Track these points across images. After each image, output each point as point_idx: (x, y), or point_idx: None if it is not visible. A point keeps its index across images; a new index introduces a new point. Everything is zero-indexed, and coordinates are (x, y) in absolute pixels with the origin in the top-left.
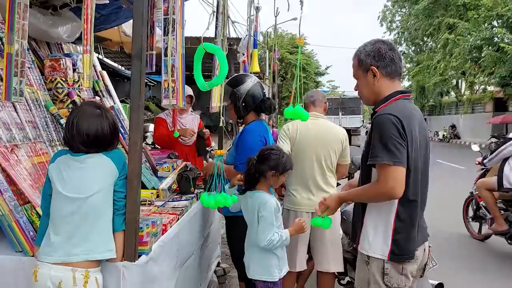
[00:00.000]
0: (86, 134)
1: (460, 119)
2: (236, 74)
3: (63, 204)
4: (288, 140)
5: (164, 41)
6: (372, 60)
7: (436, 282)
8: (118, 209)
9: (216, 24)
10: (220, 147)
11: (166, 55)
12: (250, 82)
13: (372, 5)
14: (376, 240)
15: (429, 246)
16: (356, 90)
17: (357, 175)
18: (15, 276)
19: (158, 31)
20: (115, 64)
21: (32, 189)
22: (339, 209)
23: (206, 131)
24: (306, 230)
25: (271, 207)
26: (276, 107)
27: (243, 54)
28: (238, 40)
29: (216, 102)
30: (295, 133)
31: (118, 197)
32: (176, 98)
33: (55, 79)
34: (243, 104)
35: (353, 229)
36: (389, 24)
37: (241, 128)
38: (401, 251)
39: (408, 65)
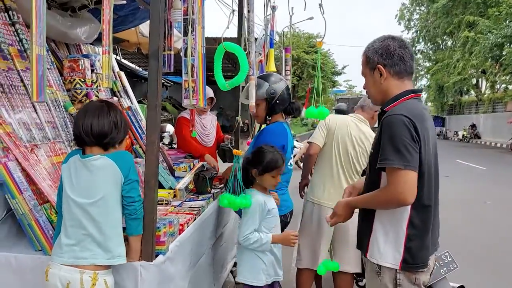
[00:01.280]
0: (87, 129)
1: (481, 119)
2: (268, 72)
3: (72, 207)
4: (325, 131)
5: (184, 41)
6: (379, 58)
7: (457, 285)
8: (130, 213)
9: (240, 24)
10: (237, 147)
11: (186, 55)
12: (283, 83)
13: (389, 3)
14: (388, 248)
15: (434, 255)
16: (364, 88)
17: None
18: (34, 275)
19: (176, 32)
20: (133, 65)
21: (52, 188)
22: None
23: (227, 137)
24: (295, 243)
25: (255, 204)
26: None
27: (260, 54)
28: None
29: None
30: (334, 126)
31: (128, 202)
32: (196, 98)
33: (74, 79)
34: (277, 102)
35: (359, 235)
36: (407, 22)
37: (257, 128)
38: (414, 259)
39: (426, 64)
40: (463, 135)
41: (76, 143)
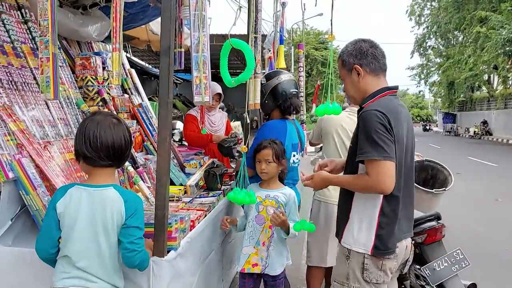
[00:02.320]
0: (111, 145)
1: (492, 115)
2: (276, 69)
3: (78, 239)
4: (318, 130)
5: (194, 37)
6: (354, 59)
7: (469, 283)
8: (129, 257)
9: (248, 21)
10: (246, 144)
11: (196, 51)
12: (276, 80)
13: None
14: (360, 234)
15: (411, 242)
16: (344, 91)
17: None
18: (48, 269)
19: (186, 30)
20: (142, 62)
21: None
22: None
23: (233, 133)
24: (223, 228)
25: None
26: (300, 107)
27: (269, 50)
28: (263, 36)
29: (252, 99)
30: (327, 124)
31: (123, 247)
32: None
33: (86, 77)
34: (266, 101)
35: (337, 225)
36: (417, 18)
37: None
38: (384, 246)
39: (437, 60)
40: (475, 131)
41: (88, 162)
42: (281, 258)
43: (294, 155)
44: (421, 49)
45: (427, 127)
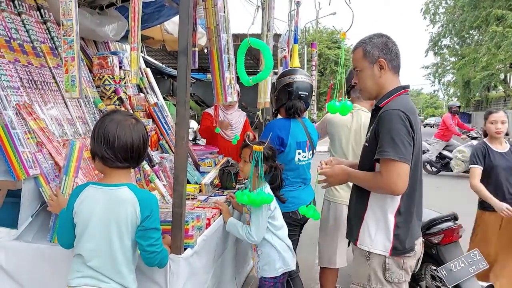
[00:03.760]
0: (130, 147)
1: (509, 115)
2: (292, 68)
3: (91, 238)
4: (325, 132)
5: (223, 39)
6: (380, 52)
7: (486, 284)
8: (149, 258)
9: (263, 20)
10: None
11: (225, 52)
12: (288, 79)
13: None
14: (378, 236)
15: (422, 241)
16: (355, 83)
17: None
18: (67, 265)
19: (200, 29)
20: (157, 62)
21: (82, 182)
22: None
23: (249, 133)
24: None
25: None
26: (303, 110)
27: (284, 50)
28: (278, 36)
29: (263, 98)
30: (331, 126)
31: (141, 249)
32: (222, 93)
33: (103, 76)
34: (275, 97)
35: (349, 225)
36: (432, 16)
37: None
38: (403, 245)
39: (452, 59)
40: None
41: (105, 163)
42: (271, 263)
43: (299, 153)
44: (436, 47)
45: None
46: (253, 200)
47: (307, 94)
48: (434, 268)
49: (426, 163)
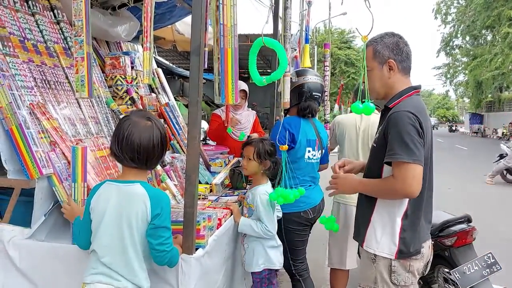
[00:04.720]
0: (136, 148)
1: None
2: (303, 68)
3: (104, 233)
4: (332, 134)
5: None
6: (390, 52)
7: (500, 287)
8: (158, 257)
9: (275, 20)
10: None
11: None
12: (302, 79)
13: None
14: (384, 239)
15: (431, 243)
16: (363, 82)
17: None
18: (80, 264)
19: (210, 29)
20: (167, 62)
21: (95, 182)
22: None
23: (254, 135)
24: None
25: None
26: (316, 111)
27: (295, 50)
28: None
29: (284, 98)
30: (339, 127)
31: (151, 247)
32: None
33: (115, 76)
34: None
35: (356, 226)
36: (443, 16)
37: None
38: (408, 249)
39: (464, 59)
40: (503, 132)
41: (118, 158)
42: (256, 257)
43: (309, 151)
44: (448, 48)
45: (453, 128)
46: (286, 196)
47: (320, 94)
48: (447, 270)
49: (505, 172)
